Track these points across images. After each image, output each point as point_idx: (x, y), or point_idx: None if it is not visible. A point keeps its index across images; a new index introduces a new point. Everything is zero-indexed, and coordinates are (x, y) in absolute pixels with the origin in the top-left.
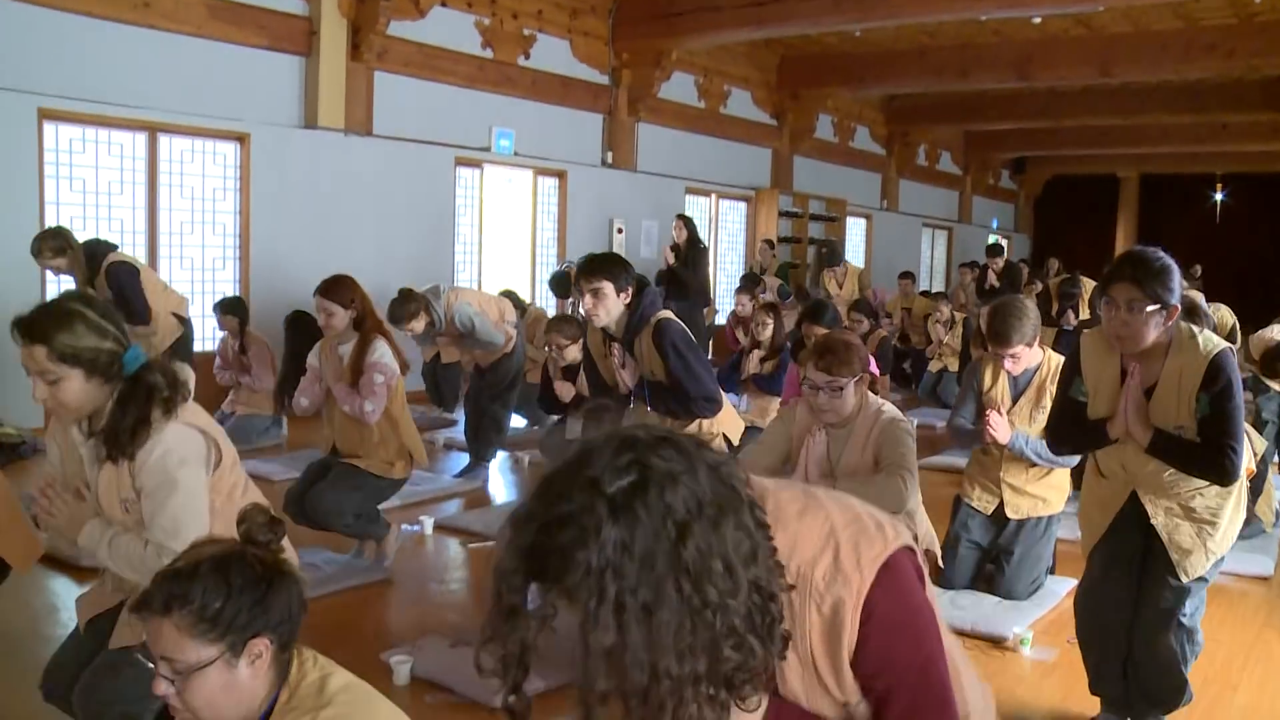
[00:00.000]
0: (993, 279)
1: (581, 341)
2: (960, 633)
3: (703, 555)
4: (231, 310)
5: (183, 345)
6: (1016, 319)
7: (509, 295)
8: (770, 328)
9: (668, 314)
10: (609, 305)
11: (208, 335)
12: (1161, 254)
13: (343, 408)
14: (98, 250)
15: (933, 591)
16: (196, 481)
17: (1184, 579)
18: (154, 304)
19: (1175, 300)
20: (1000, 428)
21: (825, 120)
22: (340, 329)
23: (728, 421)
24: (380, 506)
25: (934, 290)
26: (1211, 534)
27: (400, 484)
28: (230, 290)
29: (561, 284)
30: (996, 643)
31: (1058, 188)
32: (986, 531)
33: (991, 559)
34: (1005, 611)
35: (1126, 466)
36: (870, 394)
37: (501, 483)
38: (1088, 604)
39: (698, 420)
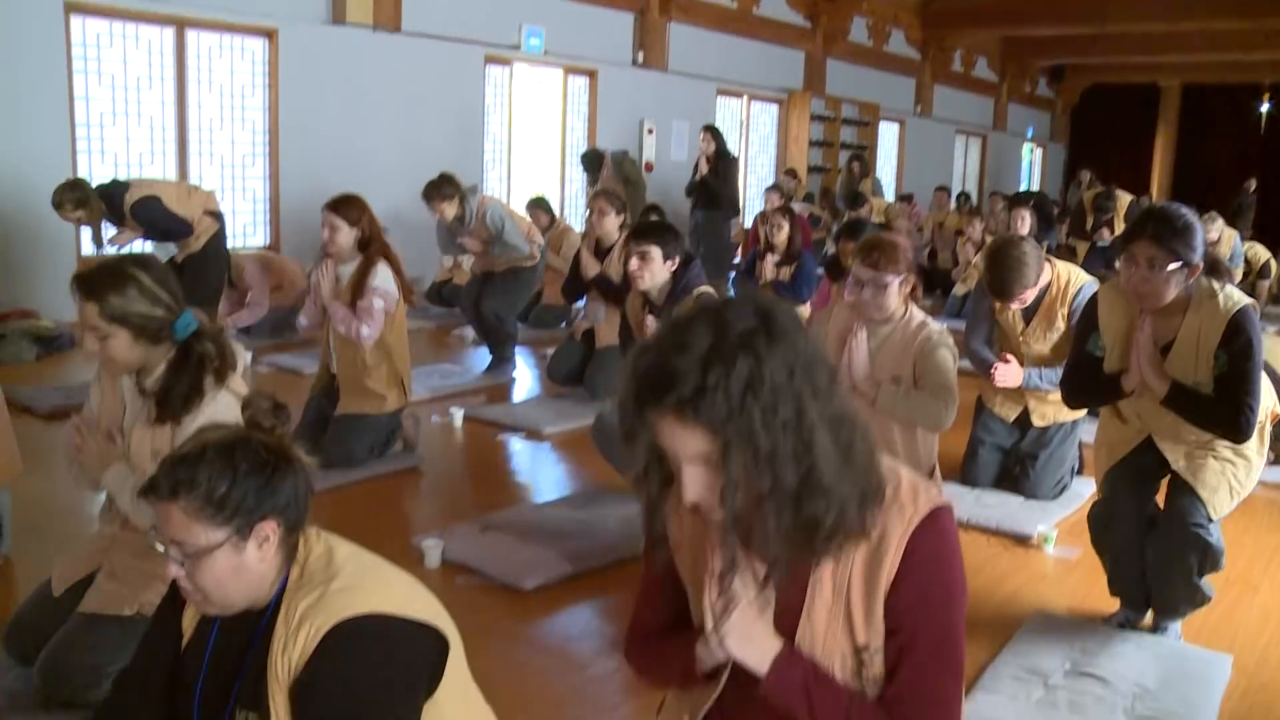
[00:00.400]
0: (1021, 228)
1: (623, 219)
2: (984, 530)
3: (826, 388)
4: None
5: (218, 241)
6: (1016, 270)
7: (539, 202)
8: (784, 231)
9: (710, 289)
10: (654, 269)
11: (238, 233)
12: (1185, 211)
13: (337, 329)
14: (114, 193)
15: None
16: None
17: (1213, 515)
18: (186, 213)
19: (1197, 259)
20: (1009, 375)
21: (859, 23)
22: (344, 246)
23: None
24: (411, 399)
25: (966, 193)
26: (1236, 470)
27: (398, 413)
28: (261, 188)
29: (592, 161)
30: (1020, 541)
31: (1096, 97)
32: (1010, 435)
33: (1016, 462)
34: (1030, 511)
35: (1143, 416)
36: (915, 308)
37: (528, 377)
38: (1101, 515)
39: None
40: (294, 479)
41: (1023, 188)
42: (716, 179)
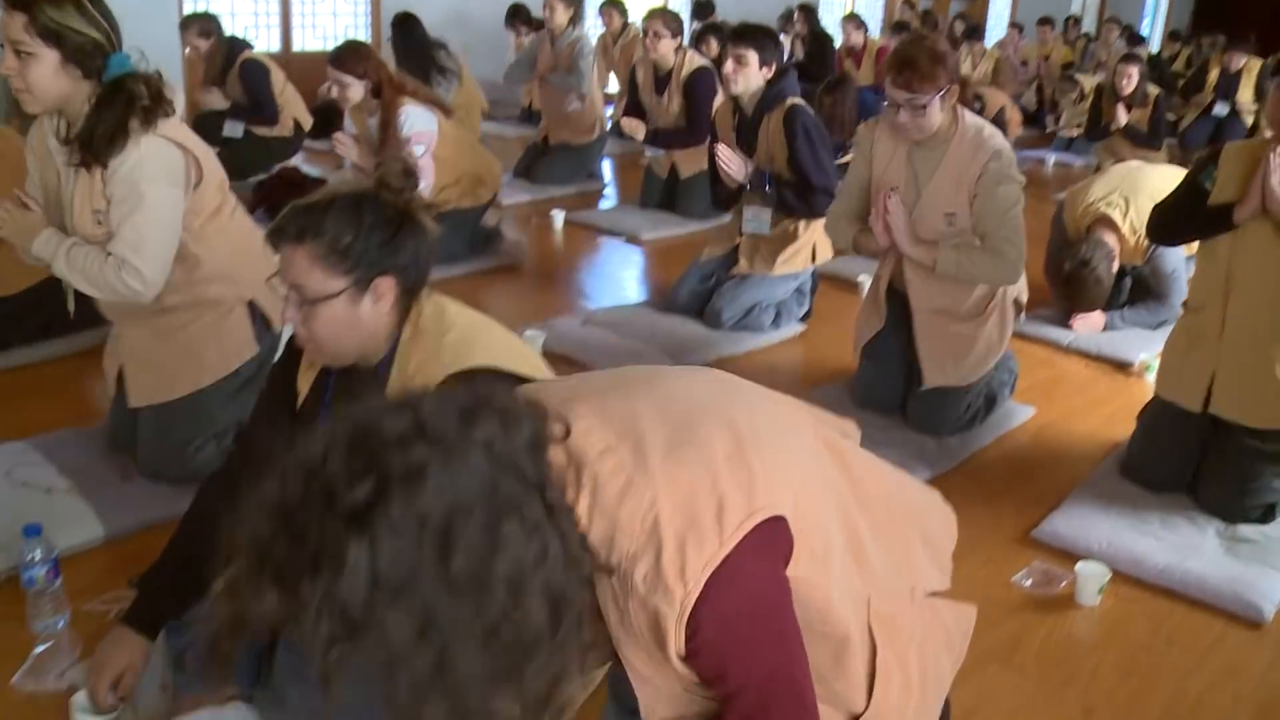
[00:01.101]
0: (1126, 86)
1: (678, 41)
2: (1085, 355)
3: (478, 567)
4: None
5: (285, 144)
6: (1090, 298)
7: (614, 3)
8: (844, 106)
9: (803, 102)
10: (749, 74)
11: (339, 34)
12: None
13: None
14: (234, 46)
15: (807, 556)
16: (166, 199)
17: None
18: (282, 104)
19: None
20: (1090, 324)
21: None
22: (356, 100)
23: (824, 240)
24: (509, 202)
25: (1076, 17)
26: None
27: (490, 203)
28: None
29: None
30: (1121, 367)
31: None
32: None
33: (1120, 293)
34: (1131, 339)
35: (1234, 274)
36: (969, 115)
37: (622, 181)
38: (1138, 474)
39: (800, 222)
40: (416, 241)
41: (1146, 23)
42: (811, 61)
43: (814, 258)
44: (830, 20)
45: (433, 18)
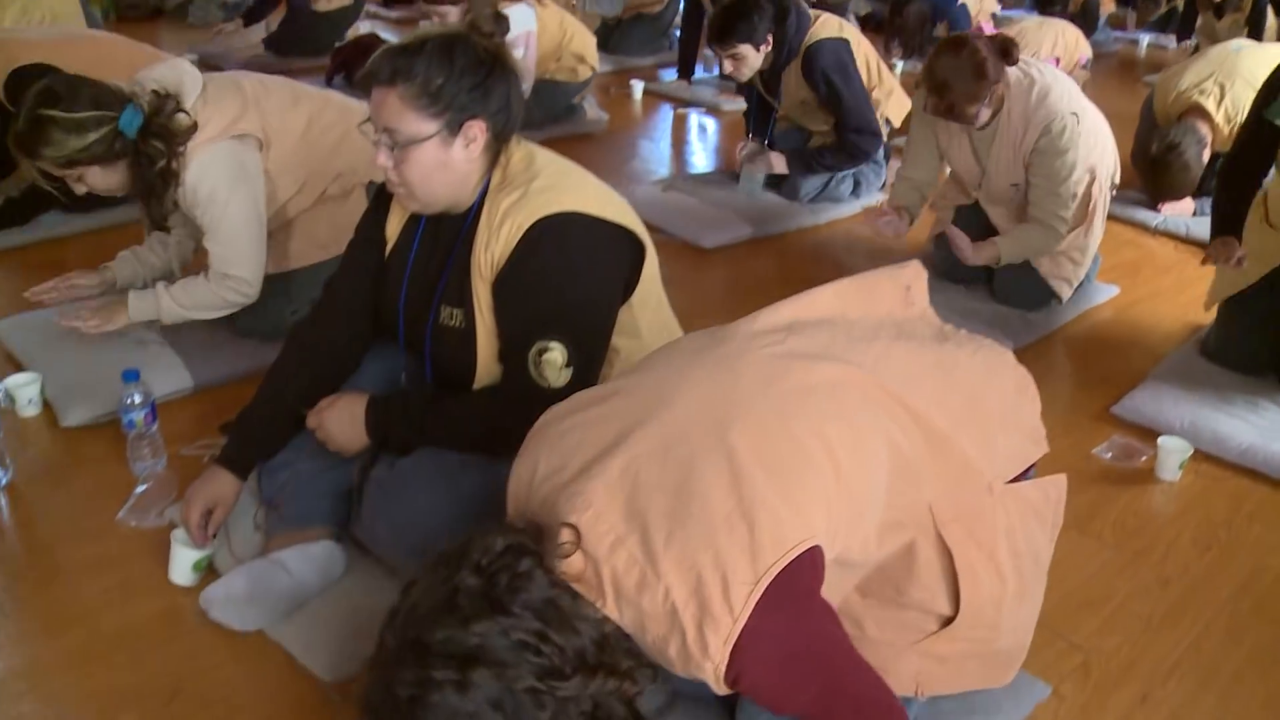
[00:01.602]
0: None
1: None
2: (1174, 237)
3: None
4: None
5: (346, 14)
6: (1179, 185)
7: None
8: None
9: (817, 37)
10: (750, 62)
11: None
12: None
13: None
14: None
15: (845, 529)
16: (234, 199)
17: None
18: None
19: None
20: (1182, 209)
21: None
22: (455, 19)
23: (894, 105)
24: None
25: None
26: None
27: (589, 81)
28: None
29: None
30: (1204, 246)
31: None
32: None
33: (1211, 175)
34: None
35: None
36: (1014, 82)
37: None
38: (1220, 355)
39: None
40: (507, 86)
41: None
42: None
43: (887, 128)
44: None
45: None
